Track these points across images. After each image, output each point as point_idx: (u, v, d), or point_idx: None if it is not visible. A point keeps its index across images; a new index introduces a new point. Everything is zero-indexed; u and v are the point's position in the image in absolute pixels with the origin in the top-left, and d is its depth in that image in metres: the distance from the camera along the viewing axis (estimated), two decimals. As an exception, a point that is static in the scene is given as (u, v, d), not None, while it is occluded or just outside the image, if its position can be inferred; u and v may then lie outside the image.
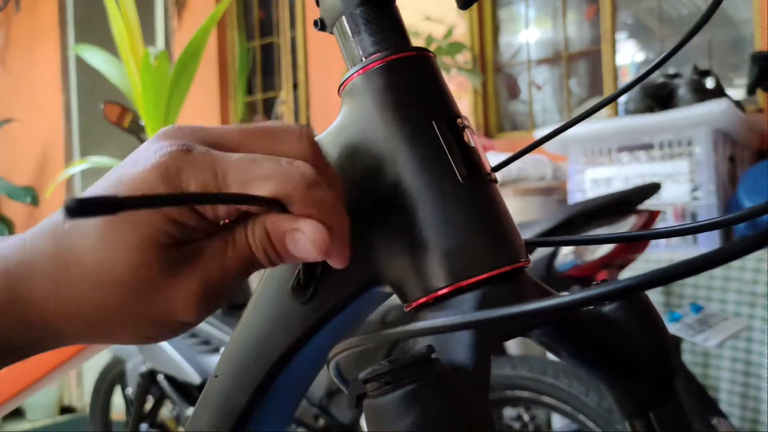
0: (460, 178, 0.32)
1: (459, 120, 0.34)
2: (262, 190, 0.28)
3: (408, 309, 0.33)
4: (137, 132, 2.23)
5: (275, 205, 0.28)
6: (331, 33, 0.37)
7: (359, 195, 0.34)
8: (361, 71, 0.35)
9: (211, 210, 0.29)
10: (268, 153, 0.30)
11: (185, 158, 0.28)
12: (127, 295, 0.28)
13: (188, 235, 0.29)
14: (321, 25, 0.38)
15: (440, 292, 0.31)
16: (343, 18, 0.36)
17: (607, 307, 0.35)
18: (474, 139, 0.34)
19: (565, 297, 0.23)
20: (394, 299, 0.34)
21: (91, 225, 0.28)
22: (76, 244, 0.28)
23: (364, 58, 0.35)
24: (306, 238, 0.29)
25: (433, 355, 0.28)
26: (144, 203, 0.25)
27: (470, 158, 0.33)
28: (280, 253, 0.30)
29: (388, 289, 0.34)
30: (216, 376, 0.39)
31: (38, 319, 0.28)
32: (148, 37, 3.65)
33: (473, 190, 0.32)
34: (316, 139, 0.33)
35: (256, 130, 0.31)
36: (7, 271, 0.28)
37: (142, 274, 0.28)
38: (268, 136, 0.30)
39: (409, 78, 0.34)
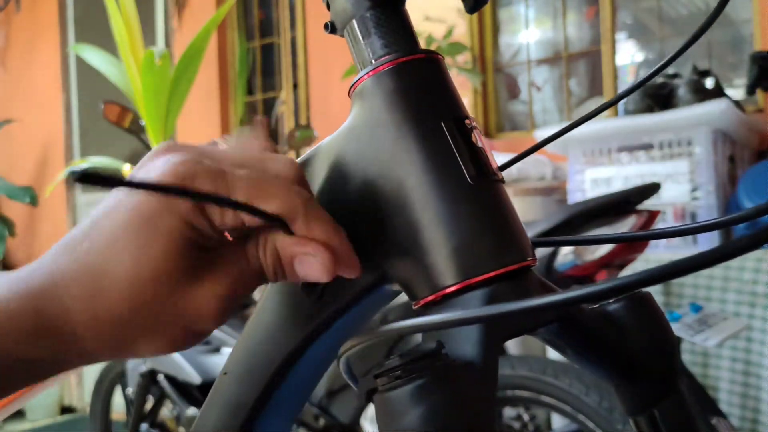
0: (468, 178, 0.32)
1: (467, 121, 0.34)
2: (268, 206, 0.30)
3: (416, 307, 0.33)
4: (137, 132, 2.23)
5: (278, 222, 0.30)
6: (342, 36, 0.38)
7: (369, 193, 0.34)
8: (371, 73, 0.35)
9: (219, 217, 0.30)
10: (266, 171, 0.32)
11: (198, 167, 0.29)
12: (158, 299, 0.29)
13: (204, 242, 0.30)
14: (332, 28, 0.38)
15: (448, 290, 0.32)
16: (354, 21, 0.37)
17: (612, 306, 0.36)
18: (482, 139, 0.34)
19: (575, 291, 0.23)
20: (395, 300, 0.35)
21: (119, 236, 0.29)
22: (103, 258, 0.29)
23: (374, 61, 0.36)
24: (316, 262, 0.31)
25: (443, 351, 0.28)
26: (145, 186, 0.27)
27: (478, 158, 0.33)
28: (287, 273, 0.32)
29: (396, 287, 0.34)
30: (225, 374, 0.39)
31: (68, 336, 0.29)
32: (148, 37, 3.65)
33: (481, 189, 0.33)
34: (326, 139, 0.35)
35: (249, 155, 0.33)
36: (30, 293, 0.29)
37: (172, 277, 0.29)
38: (259, 161, 0.32)
39: (418, 80, 0.35)
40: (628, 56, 3.13)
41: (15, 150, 4.66)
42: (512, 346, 2.01)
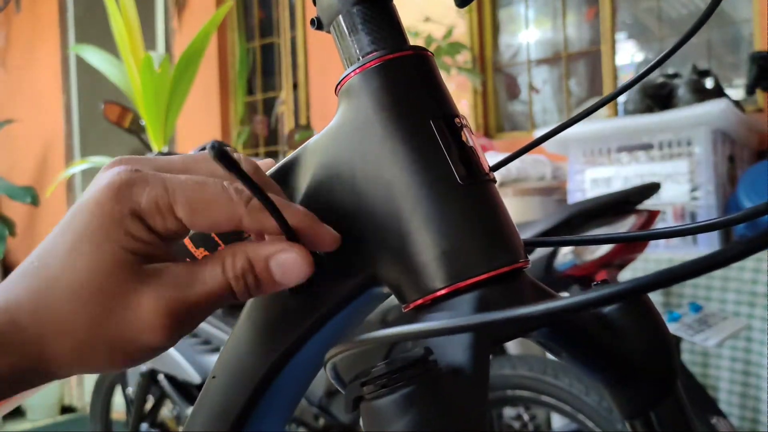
0: (458, 178, 0.32)
1: (457, 119, 0.33)
2: (210, 212, 0.30)
3: (406, 310, 0.32)
4: (138, 132, 2.22)
5: (289, 232, 0.31)
6: (328, 32, 0.37)
7: (357, 194, 0.33)
8: (357, 71, 0.34)
9: (161, 223, 0.30)
10: (210, 174, 0.32)
11: (136, 176, 0.30)
12: (102, 310, 0.29)
13: (146, 250, 0.30)
14: (318, 23, 0.38)
15: (438, 294, 0.31)
16: (340, 17, 0.36)
17: (608, 308, 0.35)
18: (472, 138, 0.34)
19: (562, 301, 0.22)
20: (395, 299, 0.34)
21: (62, 251, 0.30)
22: (48, 274, 0.30)
23: (361, 58, 0.35)
24: (293, 257, 0.31)
25: (431, 357, 0.27)
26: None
27: (468, 158, 0.33)
28: (262, 279, 0.31)
29: (386, 289, 0.34)
30: (214, 377, 0.39)
31: (25, 353, 0.29)
32: (149, 37, 3.65)
33: (471, 190, 0.32)
34: (313, 138, 0.34)
35: (198, 156, 0.33)
36: None
37: (112, 287, 0.29)
38: (208, 160, 0.33)
39: (406, 77, 0.34)
40: (628, 56, 3.13)
41: (15, 150, 4.66)
42: (512, 345, 2.01)
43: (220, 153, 0.27)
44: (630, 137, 2.08)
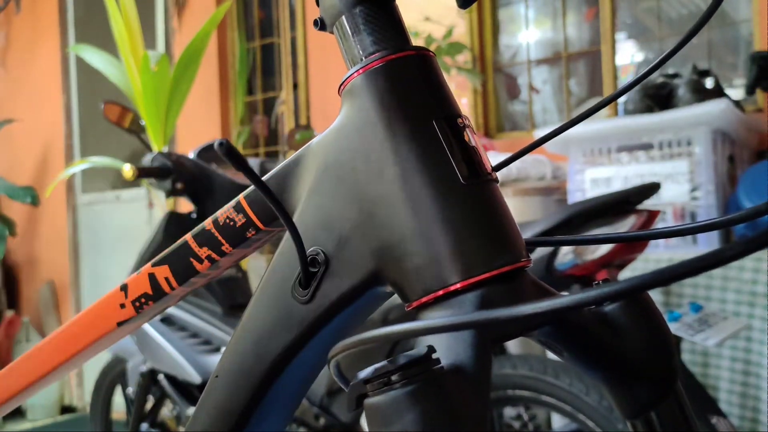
0: (460, 178, 0.32)
1: (459, 119, 0.34)
2: None
3: (409, 309, 0.33)
4: (138, 132, 2.22)
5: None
6: (331, 33, 0.37)
7: (360, 194, 0.34)
8: (361, 71, 0.35)
9: None
10: None
11: None
12: None
13: None
14: (321, 24, 0.38)
15: (440, 292, 0.31)
16: (343, 18, 0.36)
17: (609, 307, 0.35)
18: (474, 138, 0.34)
19: (564, 298, 0.22)
20: (397, 298, 0.34)
21: None
22: None
23: (364, 58, 0.35)
24: None
25: (434, 356, 0.27)
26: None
27: (471, 158, 0.33)
28: None
29: (389, 288, 0.34)
30: (217, 377, 0.39)
31: None
32: (148, 37, 3.65)
33: (474, 190, 0.32)
34: (316, 139, 0.34)
35: None
36: None
37: None
38: None
39: (409, 77, 0.34)
40: (628, 56, 3.13)
41: (15, 150, 4.66)
42: (512, 345, 2.01)
43: (228, 150, 0.28)
44: (630, 137, 2.08)
